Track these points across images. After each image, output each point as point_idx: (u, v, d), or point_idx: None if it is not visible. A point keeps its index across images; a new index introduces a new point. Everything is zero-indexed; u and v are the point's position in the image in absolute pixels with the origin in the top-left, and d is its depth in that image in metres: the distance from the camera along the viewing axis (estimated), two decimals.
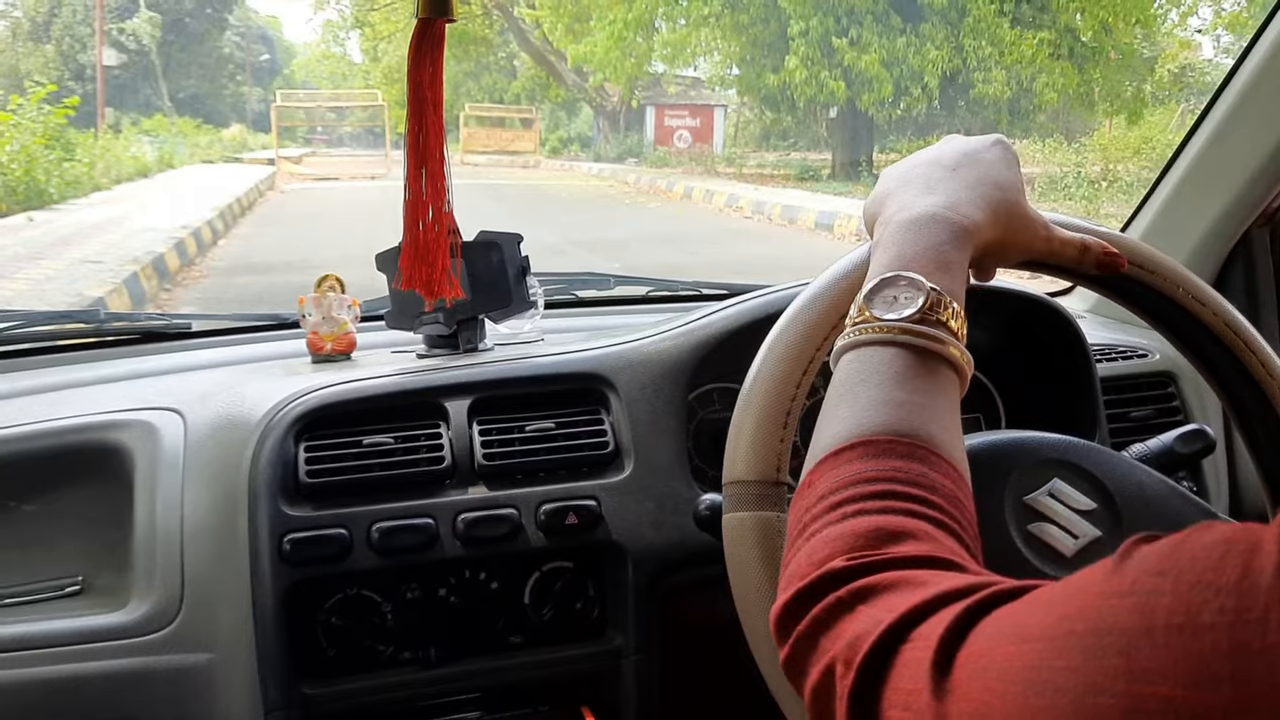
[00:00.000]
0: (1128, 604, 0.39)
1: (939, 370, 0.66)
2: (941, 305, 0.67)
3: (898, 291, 0.68)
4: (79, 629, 1.04)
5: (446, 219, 1.04)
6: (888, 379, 0.65)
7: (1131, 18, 13.60)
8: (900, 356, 0.66)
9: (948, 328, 0.67)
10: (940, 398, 0.65)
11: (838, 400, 0.66)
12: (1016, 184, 0.78)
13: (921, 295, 0.67)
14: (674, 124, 21.01)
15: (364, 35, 22.56)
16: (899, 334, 0.66)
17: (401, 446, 1.12)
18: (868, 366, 0.66)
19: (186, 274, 7.44)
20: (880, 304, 0.68)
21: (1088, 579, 0.42)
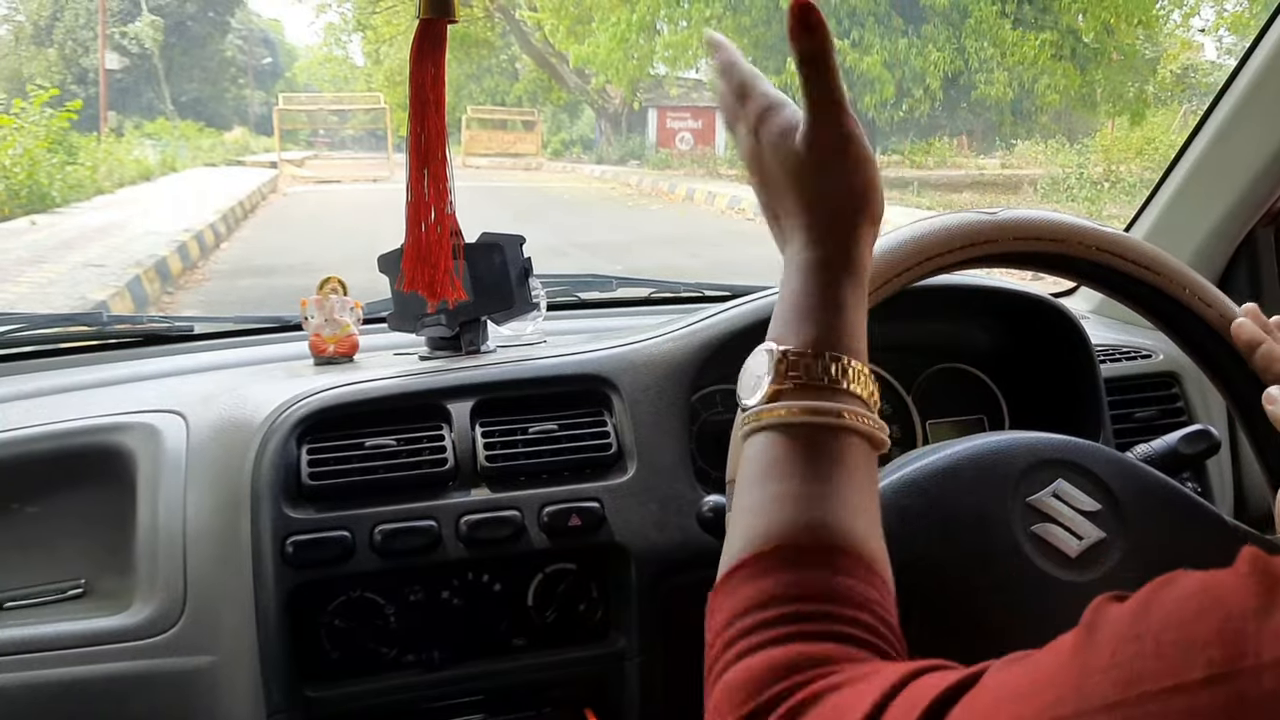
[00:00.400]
0: (1111, 678, 0.37)
1: (839, 445, 0.58)
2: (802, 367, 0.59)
3: (751, 365, 0.62)
4: (81, 632, 1.04)
5: (449, 220, 1.04)
6: (771, 472, 0.57)
7: (1134, 19, 13.59)
8: (777, 442, 0.58)
9: (849, 393, 0.59)
10: (837, 475, 0.57)
11: (735, 504, 0.60)
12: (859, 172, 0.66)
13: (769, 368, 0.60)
14: (676, 126, 21.01)
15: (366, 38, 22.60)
16: (784, 415, 0.58)
17: (404, 448, 1.12)
18: (751, 463, 0.59)
19: (189, 277, 7.45)
20: (744, 389, 0.62)
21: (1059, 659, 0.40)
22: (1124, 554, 0.83)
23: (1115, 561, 0.83)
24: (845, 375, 0.59)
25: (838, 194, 0.65)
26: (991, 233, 0.85)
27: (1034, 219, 0.87)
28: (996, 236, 0.85)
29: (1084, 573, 0.81)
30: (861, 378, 0.60)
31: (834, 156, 0.65)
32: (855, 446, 0.59)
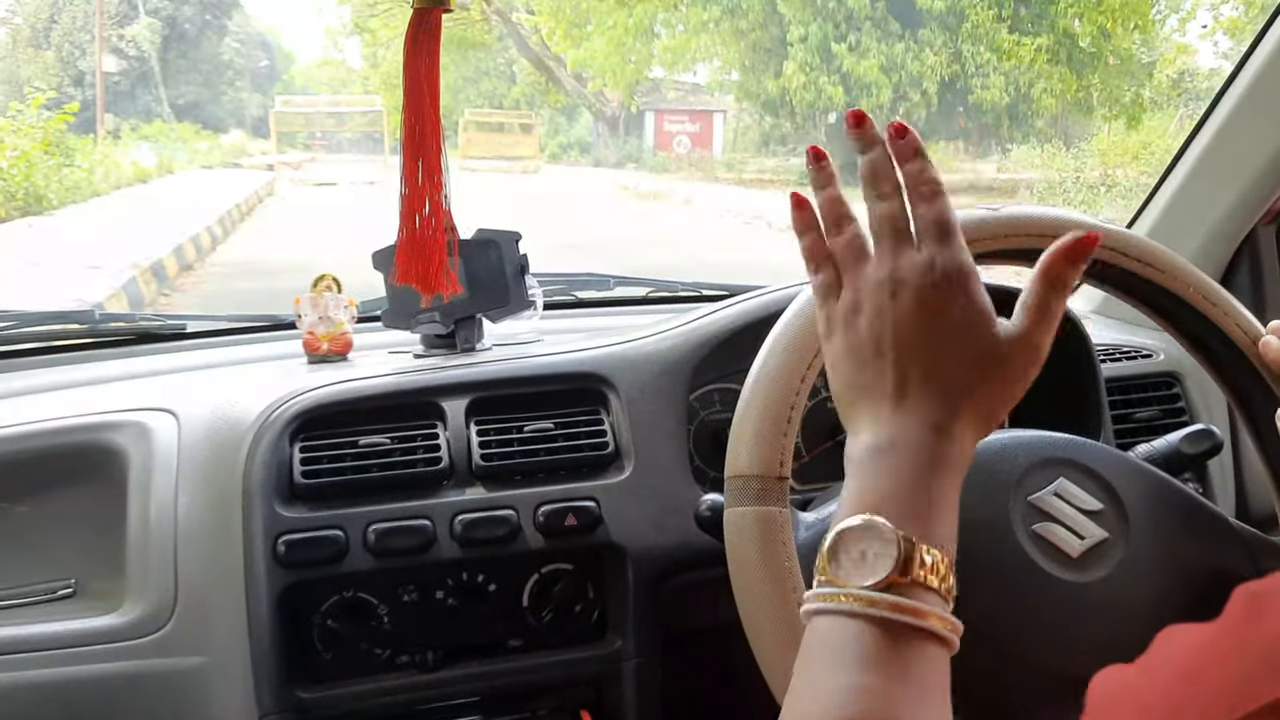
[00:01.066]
0: None
1: (917, 644, 0.55)
2: (916, 560, 0.56)
3: (865, 545, 0.57)
4: (72, 632, 1.03)
5: (443, 213, 1.03)
6: (853, 661, 0.54)
7: (1130, 23, 13.62)
8: (868, 632, 0.55)
9: (927, 587, 0.56)
10: (917, 678, 0.54)
11: (800, 684, 0.57)
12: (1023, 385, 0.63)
13: (892, 553, 0.56)
14: (673, 129, 21.05)
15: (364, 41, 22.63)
16: (866, 605, 0.55)
17: (398, 447, 1.10)
18: (832, 643, 0.56)
19: (185, 278, 7.44)
20: (846, 562, 0.57)
21: None
22: (1126, 554, 0.82)
23: (1117, 561, 0.82)
24: (936, 574, 0.57)
25: (1002, 400, 0.63)
26: (994, 229, 0.85)
27: (1037, 215, 0.87)
28: (999, 233, 0.85)
29: (1086, 572, 0.81)
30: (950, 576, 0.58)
31: (1022, 367, 0.63)
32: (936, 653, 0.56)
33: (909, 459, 0.60)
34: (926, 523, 0.58)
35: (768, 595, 0.76)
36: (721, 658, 1.12)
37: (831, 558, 0.58)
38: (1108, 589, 0.80)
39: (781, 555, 0.76)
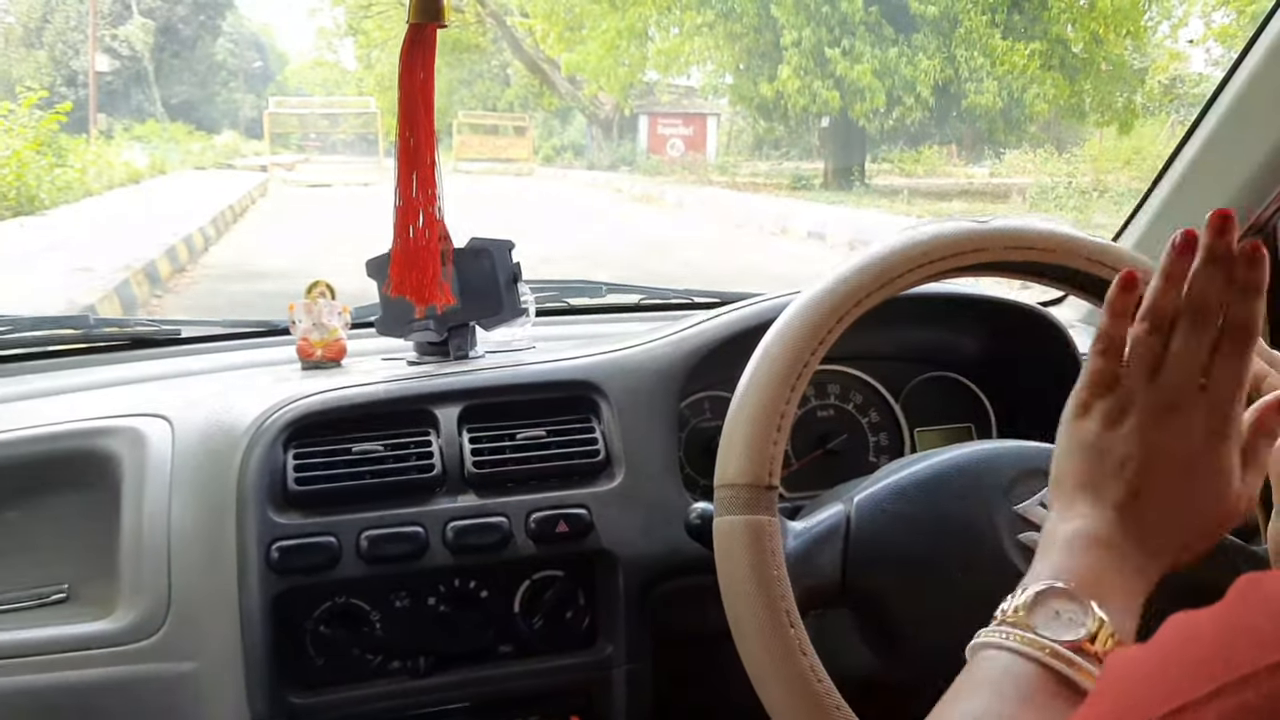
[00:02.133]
0: (1125, 712, 0.38)
1: (1075, 703, 0.57)
2: (1102, 637, 0.59)
3: (1063, 608, 0.60)
4: (64, 637, 1.03)
5: (437, 225, 1.04)
6: (1017, 695, 0.58)
7: (1122, 29, 13.67)
8: (1043, 679, 0.58)
9: (1098, 659, 0.59)
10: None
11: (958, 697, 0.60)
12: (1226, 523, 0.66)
13: (1087, 623, 0.59)
14: (667, 132, 21.06)
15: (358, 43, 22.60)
16: (1048, 654, 0.59)
17: (391, 454, 1.11)
18: (1004, 678, 0.59)
19: (178, 280, 7.43)
20: (1041, 615, 0.60)
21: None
22: None
23: None
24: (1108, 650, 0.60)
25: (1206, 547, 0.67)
26: (982, 241, 0.85)
27: (1024, 228, 0.87)
28: (987, 245, 0.85)
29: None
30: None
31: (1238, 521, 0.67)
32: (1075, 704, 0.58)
33: (1118, 567, 0.63)
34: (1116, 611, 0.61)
35: (757, 603, 0.76)
36: (710, 665, 1.13)
37: (1029, 609, 0.61)
38: None
39: (770, 564, 0.77)
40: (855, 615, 0.89)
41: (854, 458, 1.33)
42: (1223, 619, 0.38)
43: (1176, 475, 0.64)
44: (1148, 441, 0.65)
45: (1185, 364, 0.65)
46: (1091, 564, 0.63)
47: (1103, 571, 0.63)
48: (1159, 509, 0.64)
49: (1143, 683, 0.38)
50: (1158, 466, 0.64)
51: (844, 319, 0.82)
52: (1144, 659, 0.40)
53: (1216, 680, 0.35)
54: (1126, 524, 0.64)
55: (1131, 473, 0.65)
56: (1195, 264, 0.65)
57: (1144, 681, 0.38)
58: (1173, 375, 0.65)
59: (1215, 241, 0.64)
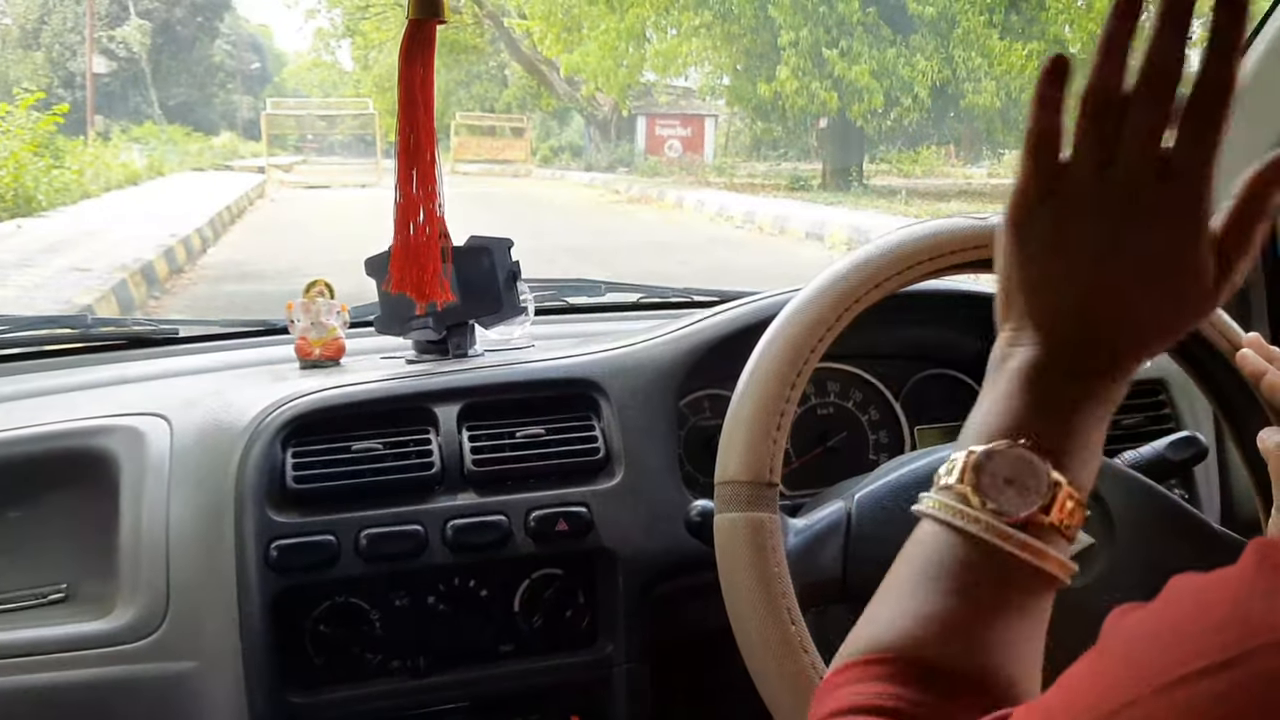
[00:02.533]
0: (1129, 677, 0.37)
1: (1028, 584, 0.54)
2: (1057, 503, 0.54)
3: (1013, 473, 0.54)
4: (63, 637, 1.03)
5: (437, 221, 1.04)
6: (961, 585, 0.53)
7: None
8: (987, 562, 0.54)
9: (1058, 530, 0.54)
10: (1019, 617, 0.54)
11: (898, 584, 0.56)
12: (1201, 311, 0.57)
13: (1040, 491, 0.54)
14: (665, 133, 21.06)
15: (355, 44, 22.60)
16: (996, 536, 0.53)
17: (390, 452, 1.11)
18: (943, 558, 0.55)
19: (176, 281, 7.43)
20: (988, 485, 0.54)
21: (1078, 673, 0.41)
22: (1112, 560, 0.83)
23: (1103, 568, 0.83)
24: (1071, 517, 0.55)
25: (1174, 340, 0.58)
26: (981, 238, 0.85)
27: None
28: (986, 242, 0.85)
29: (1071, 578, 0.81)
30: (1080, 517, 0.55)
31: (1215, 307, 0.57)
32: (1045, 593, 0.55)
33: (1077, 395, 0.56)
34: (1076, 465, 0.55)
35: (757, 600, 0.76)
36: (711, 663, 1.13)
37: (973, 474, 0.55)
38: (1093, 595, 0.81)
39: (771, 561, 0.77)
40: (855, 612, 0.89)
41: (854, 455, 1.33)
42: (1237, 583, 0.37)
43: (1143, 280, 0.55)
44: (1104, 244, 0.55)
45: (1143, 145, 0.54)
46: (1045, 406, 0.56)
47: (1059, 409, 0.56)
48: (1120, 321, 0.56)
49: (1151, 644, 0.38)
50: (1118, 272, 0.55)
51: (843, 316, 0.82)
52: (1151, 620, 0.39)
53: (1230, 648, 0.35)
54: (1086, 344, 0.57)
55: (1088, 282, 0.56)
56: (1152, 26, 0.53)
57: (1154, 643, 0.37)
58: (1129, 161, 0.55)
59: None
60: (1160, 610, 0.39)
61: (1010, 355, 0.58)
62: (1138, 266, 0.55)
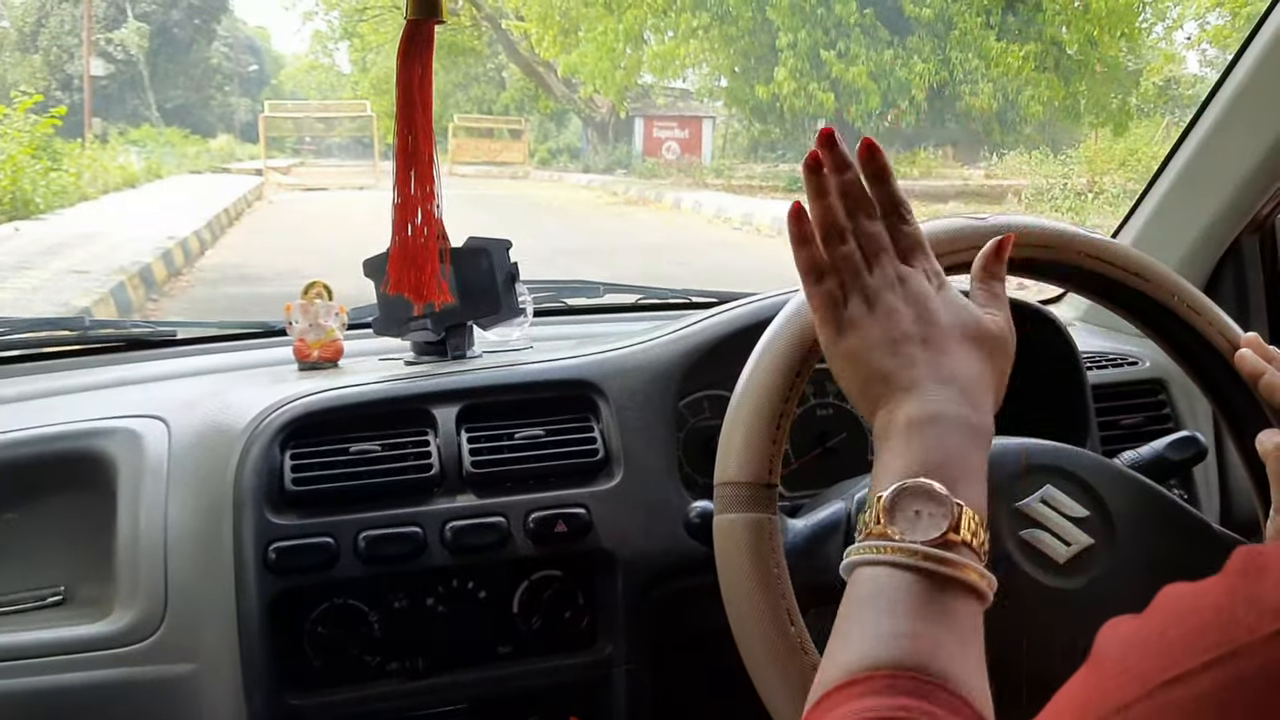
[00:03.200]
0: (1122, 682, 0.38)
1: (960, 597, 0.60)
2: (964, 523, 0.62)
3: (920, 505, 0.62)
4: (61, 639, 1.03)
5: (435, 222, 1.04)
6: (901, 608, 0.59)
7: (1117, 31, 13.70)
8: (917, 583, 0.60)
9: (969, 547, 0.61)
10: (958, 627, 0.59)
11: (846, 628, 0.61)
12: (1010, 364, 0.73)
13: (946, 515, 0.62)
14: (663, 135, 21.07)
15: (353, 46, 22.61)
16: (919, 559, 0.60)
17: (389, 454, 1.11)
18: (880, 591, 0.61)
19: (174, 284, 7.42)
20: (902, 520, 0.62)
21: (1075, 684, 0.42)
22: (1112, 561, 0.83)
23: (1103, 568, 0.83)
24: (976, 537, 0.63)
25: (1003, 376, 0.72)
26: (978, 238, 0.85)
27: (1023, 224, 0.87)
28: (983, 242, 0.85)
29: (1072, 579, 0.81)
30: (986, 538, 0.64)
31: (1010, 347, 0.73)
32: (972, 606, 0.61)
33: (952, 431, 0.66)
34: (967, 488, 0.64)
35: (757, 602, 0.76)
36: (711, 664, 1.12)
37: (888, 516, 0.63)
38: (1093, 595, 0.81)
39: (770, 562, 0.77)
40: None
41: (853, 456, 1.32)
42: (1222, 589, 0.38)
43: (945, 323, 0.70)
44: (904, 315, 0.70)
45: (883, 248, 0.72)
46: (930, 448, 0.65)
47: (944, 450, 0.65)
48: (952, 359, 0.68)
49: (1140, 650, 0.39)
50: (928, 324, 0.69)
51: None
52: (1140, 628, 0.40)
53: (1214, 649, 0.36)
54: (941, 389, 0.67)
55: (914, 341, 0.69)
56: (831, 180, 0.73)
57: (1141, 649, 0.39)
58: (881, 260, 0.71)
59: (832, 155, 0.73)
60: (1149, 619, 0.40)
61: (890, 422, 0.68)
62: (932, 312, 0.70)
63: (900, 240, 0.73)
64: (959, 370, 0.68)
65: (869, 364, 0.70)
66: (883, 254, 0.72)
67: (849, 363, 0.71)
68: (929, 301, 0.71)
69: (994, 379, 0.70)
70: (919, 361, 0.68)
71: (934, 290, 0.71)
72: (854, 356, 0.71)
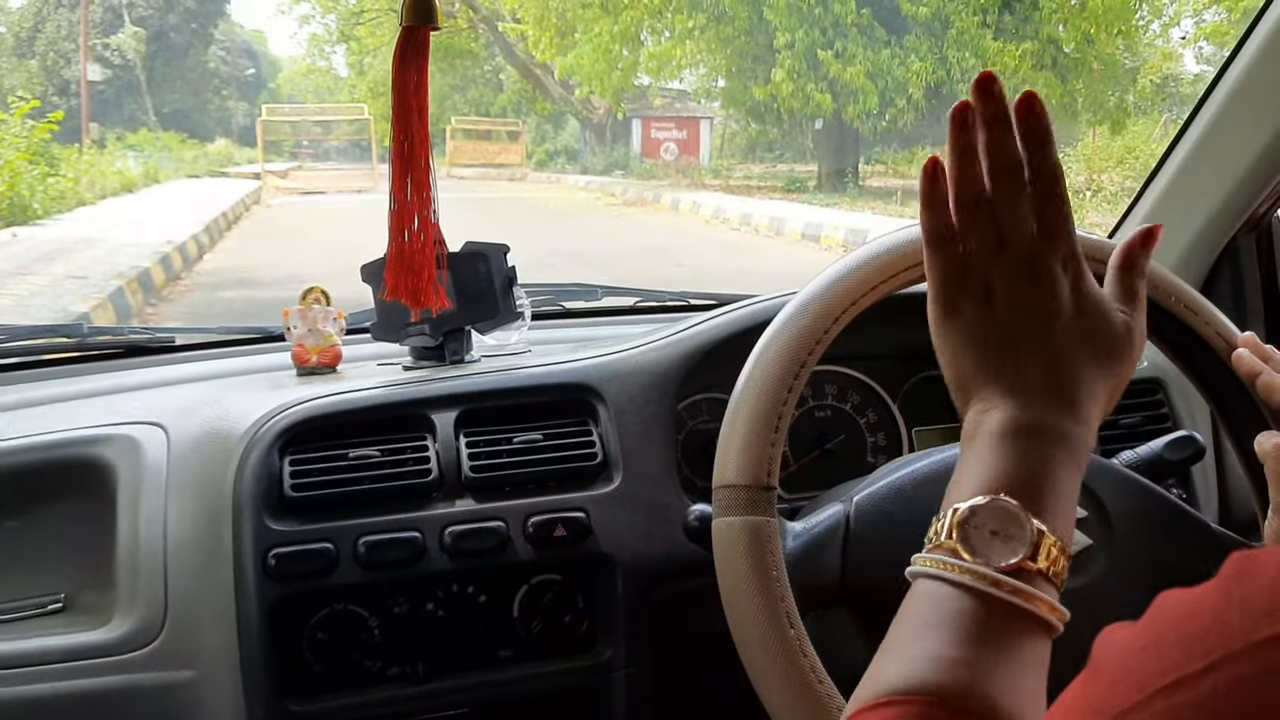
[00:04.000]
0: (1120, 689, 0.38)
1: (1025, 629, 0.56)
2: (1042, 551, 0.57)
3: (998, 525, 0.58)
4: (61, 647, 1.03)
5: (432, 227, 1.04)
6: (959, 632, 0.55)
7: (1114, 29, 13.70)
8: (981, 609, 0.56)
9: (1046, 577, 0.57)
10: (1018, 658, 0.55)
11: (895, 643, 0.58)
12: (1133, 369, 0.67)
13: (1025, 540, 0.57)
14: (660, 136, 21.09)
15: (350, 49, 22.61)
16: (987, 584, 0.56)
17: (388, 459, 1.11)
18: (938, 610, 0.57)
19: (172, 289, 7.42)
20: (976, 538, 0.58)
21: (1072, 692, 0.42)
22: (1110, 561, 0.83)
23: (1101, 568, 0.83)
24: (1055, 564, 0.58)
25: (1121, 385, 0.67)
26: None
27: None
28: None
29: (1070, 580, 0.81)
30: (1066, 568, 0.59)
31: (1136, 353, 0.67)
32: (1040, 637, 0.58)
33: (1049, 446, 0.61)
34: (1055, 515, 0.59)
35: (756, 605, 0.76)
36: (710, 667, 1.12)
37: (961, 530, 0.59)
38: (1091, 595, 0.81)
39: (769, 565, 0.77)
40: (855, 615, 0.89)
41: (852, 458, 1.33)
42: (1218, 594, 0.38)
43: (1069, 328, 0.64)
44: (1028, 308, 0.64)
45: (1021, 225, 0.65)
46: (1021, 461, 0.61)
47: (1035, 467, 0.61)
48: (1068, 368, 0.64)
49: (1136, 657, 0.38)
50: (1049, 328, 0.64)
51: (841, 318, 0.82)
52: (1137, 635, 0.40)
53: (1211, 654, 0.35)
54: (1046, 398, 0.63)
55: (1029, 345, 0.64)
56: (980, 135, 0.65)
57: (1138, 656, 0.38)
58: (1015, 239, 0.65)
59: (987, 106, 0.65)
60: (1145, 625, 0.40)
61: (982, 423, 0.64)
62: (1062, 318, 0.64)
63: (1044, 217, 0.65)
64: (1072, 378, 0.63)
65: (974, 356, 0.66)
66: (1022, 232, 0.65)
67: (952, 348, 0.67)
68: (1059, 296, 0.64)
69: (1110, 389, 0.65)
70: (1029, 366, 0.63)
71: (1068, 282, 0.65)
72: (960, 343, 0.66)
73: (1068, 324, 0.64)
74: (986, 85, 0.65)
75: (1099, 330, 0.65)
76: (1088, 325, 0.64)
